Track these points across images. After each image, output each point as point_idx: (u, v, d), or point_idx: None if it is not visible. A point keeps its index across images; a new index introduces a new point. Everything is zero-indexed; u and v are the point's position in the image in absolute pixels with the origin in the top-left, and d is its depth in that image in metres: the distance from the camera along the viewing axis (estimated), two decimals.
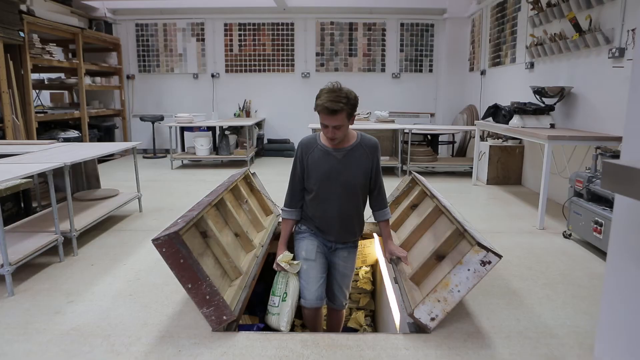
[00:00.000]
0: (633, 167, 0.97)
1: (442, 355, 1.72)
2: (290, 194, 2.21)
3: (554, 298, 2.24)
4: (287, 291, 2.14)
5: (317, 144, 2.13)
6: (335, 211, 2.13)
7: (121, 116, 7.57)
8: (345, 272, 2.28)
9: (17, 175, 2.29)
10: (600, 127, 3.55)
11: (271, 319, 2.14)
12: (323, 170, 2.09)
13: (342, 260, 2.24)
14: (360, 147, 2.12)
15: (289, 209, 2.22)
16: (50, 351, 1.76)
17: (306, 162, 2.13)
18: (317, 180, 2.10)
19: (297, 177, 2.17)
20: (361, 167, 2.12)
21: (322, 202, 2.13)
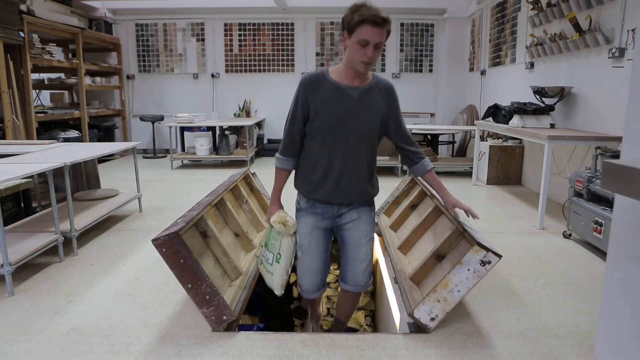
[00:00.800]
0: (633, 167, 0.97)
1: (442, 355, 1.72)
2: (287, 143, 1.85)
3: (554, 298, 2.24)
4: (280, 252, 1.91)
5: (327, 80, 1.76)
6: (344, 164, 1.79)
7: (121, 116, 7.57)
8: (358, 241, 1.87)
9: (17, 175, 2.29)
10: (600, 127, 3.55)
11: (265, 275, 1.99)
12: (335, 113, 1.74)
13: (352, 225, 1.87)
14: (376, 89, 1.80)
15: (284, 157, 1.88)
16: (50, 351, 1.76)
17: (312, 103, 1.76)
18: (326, 125, 1.75)
19: (297, 123, 1.81)
20: (379, 111, 1.80)
21: (329, 152, 1.78)
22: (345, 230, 1.89)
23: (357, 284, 1.92)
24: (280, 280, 1.92)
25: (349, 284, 1.93)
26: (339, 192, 1.83)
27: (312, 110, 1.77)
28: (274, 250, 1.92)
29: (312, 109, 1.77)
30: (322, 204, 1.88)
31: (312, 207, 1.89)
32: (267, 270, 1.96)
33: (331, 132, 1.76)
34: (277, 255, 1.92)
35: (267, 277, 1.97)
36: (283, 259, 1.91)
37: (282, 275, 1.92)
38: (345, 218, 1.88)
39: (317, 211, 1.88)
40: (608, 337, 1.47)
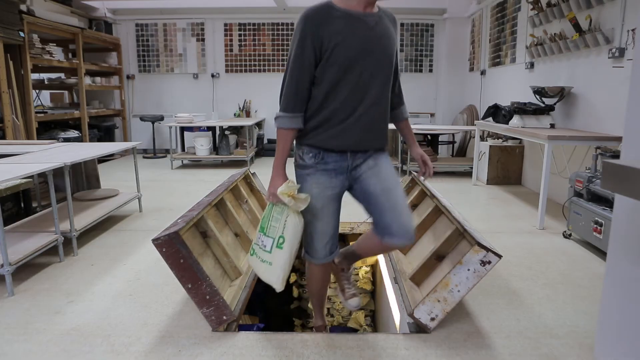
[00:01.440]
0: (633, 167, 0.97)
1: (442, 355, 1.72)
2: (293, 94, 1.55)
3: (554, 298, 2.24)
4: (284, 234, 1.62)
5: (336, 9, 1.50)
6: (368, 103, 1.57)
7: (121, 116, 7.57)
8: (387, 187, 1.63)
9: (17, 175, 2.29)
10: (600, 127, 3.55)
11: (259, 267, 1.70)
12: (355, 44, 1.51)
13: (373, 173, 1.64)
14: (385, 17, 1.61)
15: (291, 114, 1.57)
16: (50, 351, 1.76)
17: (324, 37, 1.48)
18: (347, 59, 1.50)
19: (306, 66, 1.52)
20: (394, 42, 1.61)
21: (351, 91, 1.55)
22: (366, 179, 1.65)
23: (408, 233, 1.61)
24: (281, 272, 1.64)
25: (398, 235, 1.60)
26: (363, 137, 1.60)
27: (326, 45, 1.49)
28: (274, 233, 1.65)
29: (326, 44, 1.49)
30: (336, 155, 1.62)
31: (322, 162, 1.63)
32: (263, 260, 1.68)
33: (352, 67, 1.52)
34: (278, 239, 1.63)
35: (261, 268, 1.69)
36: (287, 243, 1.61)
37: (285, 265, 1.63)
38: (362, 168, 1.65)
39: (329, 167, 1.63)
40: (608, 337, 1.47)
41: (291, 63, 1.55)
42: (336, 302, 3.47)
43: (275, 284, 1.67)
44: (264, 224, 1.70)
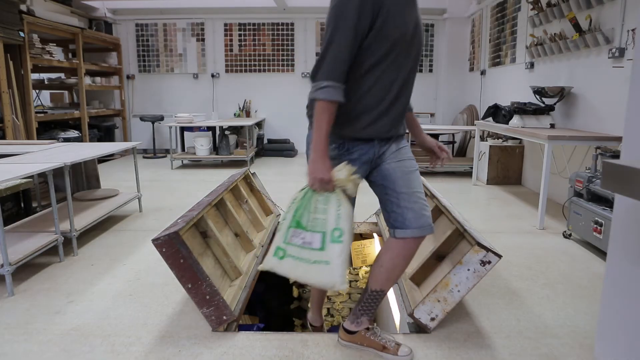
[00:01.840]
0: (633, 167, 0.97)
1: (442, 355, 1.72)
2: (341, 60, 1.36)
3: (554, 298, 2.24)
4: (340, 226, 1.41)
5: None
6: (403, 86, 1.49)
7: (121, 116, 7.57)
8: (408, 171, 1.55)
9: (17, 175, 2.29)
10: (600, 127, 3.55)
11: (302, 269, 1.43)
12: (407, 20, 1.39)
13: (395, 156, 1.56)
14: None
15: (336, 82, 1.36)
16: (50, 351, 1.76)
17: (384, 5, 1.34)
18: (397, 35, 1.38)
19: (359, 31, 1.35)
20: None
21: (392, 72, 1.43)
22: (387, 164, 1.55)
23: (426, 222, 1.50)
24: (344, 268, 1.41)
25: (413, 224, 1.49)
26: (393, 123, 1.51)
27: (383, 14, 1.35)
28: (322, 227, 1.43)
29: (383, 13, 1.34)
30: (363, 144, 1.51)
31: (347, 152, 1.51)
32: (313, 261, 1.42)
33: (399, 46, 1.40)
34: (332, 233, 1.41)
35: (310, 271, 1.43)
36: (346, 236, 1.40)
37: (347, 259, 1.42)
38: (386, 154, 1.56)
39: (353, 157, 1.50)
40: (608, 337, 1.47)
41: (340, 24, 1.34)
42: (336, 302, 3.47)
43: (337, 285, 1.42)
44: (300, 218, 1.44)
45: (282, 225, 1.48)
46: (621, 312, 1.40)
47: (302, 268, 1.44)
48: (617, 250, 1.42)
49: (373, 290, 1.65)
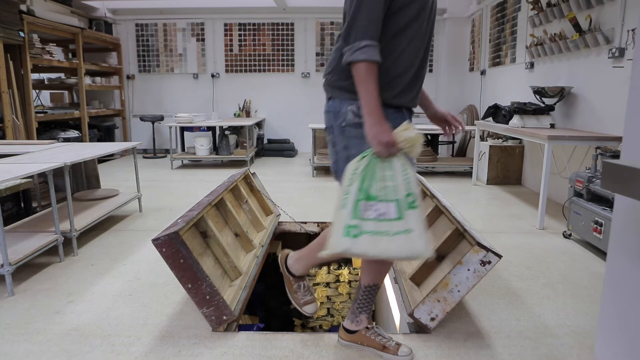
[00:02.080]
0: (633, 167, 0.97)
1: (442, 355, 1.72)
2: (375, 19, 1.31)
3: (554, 298, 2.24)
4: (412, 191, 1.33)
5: None
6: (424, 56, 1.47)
7: (121, 116, 7.57)
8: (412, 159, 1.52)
9: (17, 175, 2.29)
10: (600, 127, 3.55)
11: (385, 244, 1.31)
12: None
13: None
14: None
15: (374, 41, 1.32)
16: (50, 351, 1.76)
17: None
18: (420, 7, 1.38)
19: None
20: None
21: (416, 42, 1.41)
22: None
23: None
24: (425, 234, 1.34)
25: None
26: (417, 93, 1.50)
27: None
28: (394, 195, 1.32)
29: None
30: (394, 112, 1.45)
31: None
32: (395, 233, 1.31)
33: (422, 14, 1.39)
34: (406, 199, 1.31)
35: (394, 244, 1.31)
36: (418, 200, 1.34)
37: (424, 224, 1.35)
38: None
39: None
40: (608, 337, 1.47)
41: None
42: (336, 302, 3.47)
43: (424, 252, 1.34)
44: (369, 189, 1.32)
45: (346, 200, 1.33)
46: (621, 312, 1.40)
47: (383, 243, 1.32)
48: (617, 250, 1.42)
49: (366, 285, 1.67)
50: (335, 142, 1.49)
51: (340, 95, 1.44)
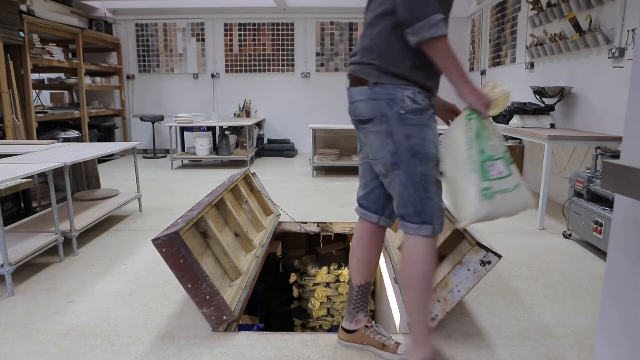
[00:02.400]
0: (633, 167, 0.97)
1: None
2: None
3: (554, 298, 2.24)
4: (504, 146, 1.39)
5: None
6: None
7: (121, 116, 7.57)
8: None
9: (17, 175, 2.29)
10: (600, 127, 3.55)
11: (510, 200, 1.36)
12: None
13: None
14: None
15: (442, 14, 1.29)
16: (50, 351, 1.76)
17: None
18: None
19: None
20: None
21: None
22: None
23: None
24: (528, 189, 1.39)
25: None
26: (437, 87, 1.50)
27: None
28: (498, 152, 1.36)
29: None
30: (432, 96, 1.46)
31: (430, 105, 1.44)
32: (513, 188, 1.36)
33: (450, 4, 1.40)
34: (505, 155, 1.36)
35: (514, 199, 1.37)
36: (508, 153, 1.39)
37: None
38: None
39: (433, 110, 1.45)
40: (608, 337, 1.47)
41: None
42: (336, 302, 3.47)
43: (531, 201, 1.44)
44: (487, 150, 1.34)
45: (472, 164, 1.34)
46: (621, 312, 1.40)
47: (509, 200, 1.37)
48: (617, 250, 1.42)
49: (359, 285, 1.69)
50: (393, 132, 1.39)
51: (393, 81, 1.37)
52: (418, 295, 1.45)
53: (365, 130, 1.46)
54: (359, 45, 1.45)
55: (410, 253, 1.45)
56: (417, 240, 1.43)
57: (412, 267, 1.44)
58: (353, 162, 5.64)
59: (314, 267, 3.54)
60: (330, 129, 5.97)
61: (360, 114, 1.44)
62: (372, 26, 1.39)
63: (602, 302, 1.49)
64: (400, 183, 1.42)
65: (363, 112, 1.43)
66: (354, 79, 1.44)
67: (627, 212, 1.36)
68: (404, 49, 1.35)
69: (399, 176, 1.41)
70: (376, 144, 1.43)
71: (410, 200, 1.42)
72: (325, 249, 3.68)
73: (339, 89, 7.51)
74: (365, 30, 1.42)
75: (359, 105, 1.43)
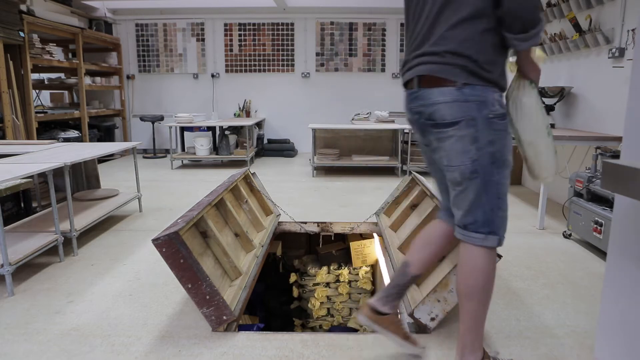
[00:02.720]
0: (633, 167, 0.97)
1: (442, 355, 1.72)
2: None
3: (554, 298, 2.24)
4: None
5: None
6: None
7: (121, 116, 7.57)
8: None
9: (17, 175, 2.29)
10: (600, 127, 3.55)
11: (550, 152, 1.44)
12: None
13: None
14: None
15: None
16: (50, 351, 1.76)
17: None
18: None
19: None
20: None
21: None
22: None
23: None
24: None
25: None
26: None
27: None
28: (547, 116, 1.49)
29: None
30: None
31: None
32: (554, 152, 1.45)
33: None
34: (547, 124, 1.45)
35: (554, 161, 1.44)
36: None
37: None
38: None
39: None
40: (608, 337, 1.47)
41: None
42: (336, 302, 3.47)
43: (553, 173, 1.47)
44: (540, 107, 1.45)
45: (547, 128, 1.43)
46: (621, 312, 1.40)
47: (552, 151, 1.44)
48: (617, 250, 1.42)
49: (415, 275, 1.62)
50: (479, 137, 1.33)
51: (483, 83, 1.33)
52: (478, 305, 1.43)
53: (443, 135, 1.38)
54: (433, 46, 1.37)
55: (473, 264, 1.41)
56: (481, 252, 1.40)
57: (474, 278, 1.41)
58: (353, 162, 5.65)
59: (314, 267, 3.55)
60: (330, 129, 5.98)
61: (442, 117, 1.36)
62: (455, 28, 1.33)
63: (602, 302, 1.49)
64: (475, 192, 1.36)
65: (446, 115, 1.35)
66: (431, 79, 1.37)
67: (627, 212, 1.36)
68: (496, 54, 1.35)
69: (475, 185, 1.36)
70: (456, 149, 1.36)
71: (481, 209, 1.37)
72: (325, 249, 3.68)
73: (339, 89, 7.52)
74: (446, 32, 1.34)
75: (440, 107, 1.35)
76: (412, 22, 1.47)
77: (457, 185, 1.40)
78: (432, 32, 1.37)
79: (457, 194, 1.41)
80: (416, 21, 1.44)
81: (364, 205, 3.97)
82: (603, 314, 1.48)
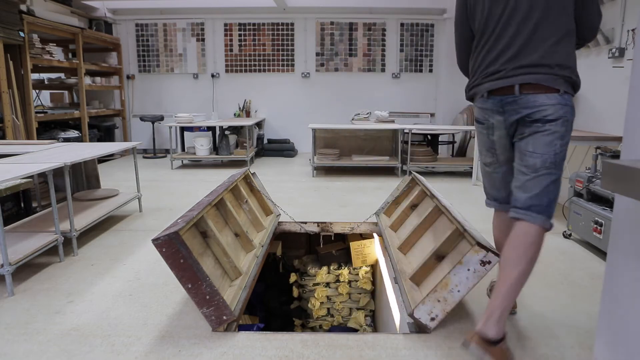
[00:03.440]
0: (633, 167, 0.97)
1: (442, 355, 1.72)
2: None
3: (554, 298, 2.24)
4: None
5: None
6: None
7: (121, 116, 7.57)
8: None
9: (17, 175, 2.29)
10: (600, 127, 3.55)
11: None
12: None
13: None
14: None
15: None
16: (50, 351, 1.76)
17: None
18: None
19: None
20: None
21: None
22: None
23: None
24: None
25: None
26: None
27: None
28: None
29: None
30: None
31: None
32: None
33: None
34: None
35: None
36: None
37: None
38: None
39: None
40: (608, 337, 1.47)
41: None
42: (336, 302, 3.47)
43: None
44: None
45: None
46: (621, 312, 1.40)
47: None
48: (617, 250, 1.42)
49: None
50: (565, 136, 1.63)
51: (570, 91, 1.64)
52: (520, 275, 1.59)
53: (540, 127, 1.62)
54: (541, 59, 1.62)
55: (530, 239, 1.61)
56: (539, 230, 1.62)
57: (524, 248, 1.60)
58: (353, 162, 5.65)
59: (314, 267, 3.55)
60: (330, 129, 5.98)
61: (547, 115, 1.61)
62: (559, 44, 1.61)
63: (602, 302, 1.49)
64: (548, 180, 1.64)
65: (549, 114, 1.61)
66: (536, 86, 1.63)
67: (627, 212, 1.36)
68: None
69: (550, 175, 1.64)
70: (544, 141, 1.63)
71: (547, 196, 1.64)
72: (325, 249, 3.68)
73: (339, 89, 7.52)
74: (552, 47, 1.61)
75: (547, 108, 1.61)
76: (492, 38, 1.72)
77: (534, 172, 1.65)
78: (530, 46, 1.63)
79: (531, 178, 1.65)
80: (497, 37, 1.70)
81: (364, 205, 3.97)
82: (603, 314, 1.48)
